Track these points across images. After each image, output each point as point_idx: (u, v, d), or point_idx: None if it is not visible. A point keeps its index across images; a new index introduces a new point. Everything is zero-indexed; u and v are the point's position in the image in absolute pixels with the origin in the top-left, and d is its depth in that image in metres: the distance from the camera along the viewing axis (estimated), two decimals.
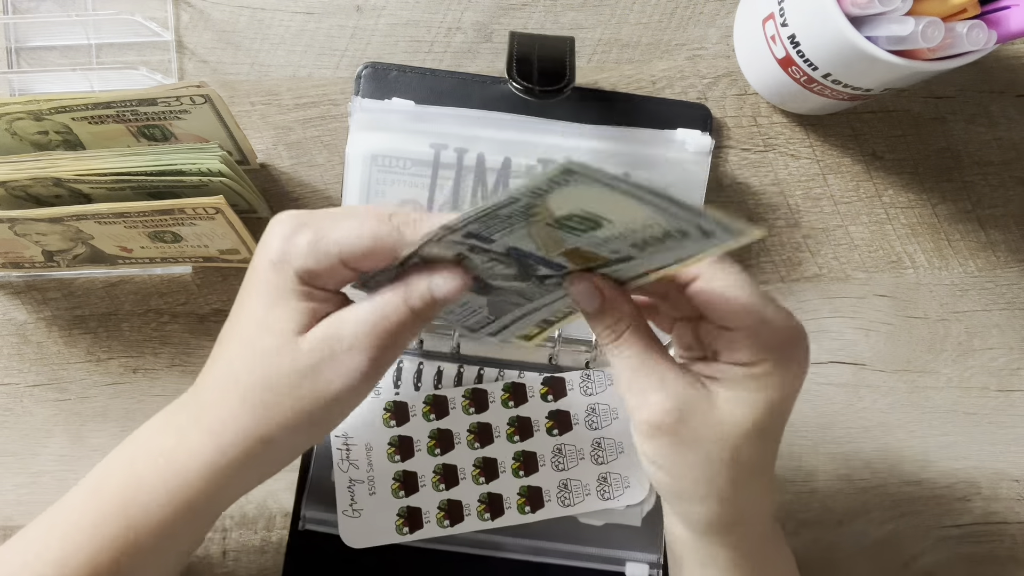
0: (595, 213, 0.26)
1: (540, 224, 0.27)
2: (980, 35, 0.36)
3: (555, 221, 0.27)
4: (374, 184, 0.44)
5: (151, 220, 0.39)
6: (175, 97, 0.37)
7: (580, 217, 0.26)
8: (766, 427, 0.30)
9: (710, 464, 0.30)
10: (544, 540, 0.44)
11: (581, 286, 0.30)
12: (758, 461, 0.31)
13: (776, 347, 0.29)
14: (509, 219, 0.27)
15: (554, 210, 0.26)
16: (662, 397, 0.29)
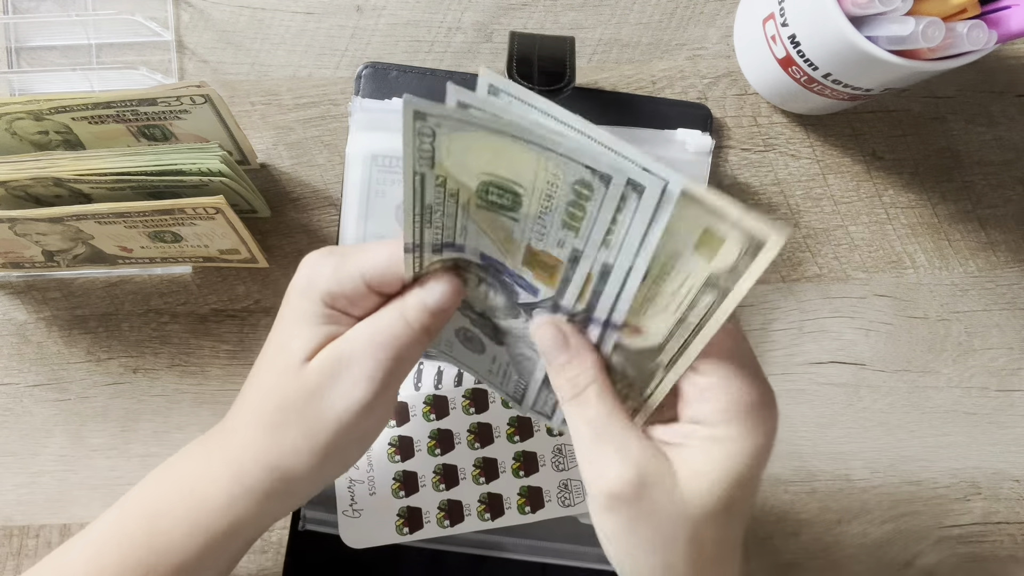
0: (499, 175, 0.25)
1: (472, 208, 0.27)
2: (980, 35, 0.36)
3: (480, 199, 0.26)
4: (374, 184, 0.44)
5: (151, 220, 0.39)
6: (175, 97, 0.37)
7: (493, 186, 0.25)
8: (732, 503, 0.27)
9: (671, 545, 0.27)
10: (544, 540, 0.44)
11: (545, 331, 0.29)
12: (723, 542, 0.28)
13: (746, 408, 0.27)
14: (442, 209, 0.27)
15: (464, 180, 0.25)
16: (622, 467, 0.27)
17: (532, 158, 0.23)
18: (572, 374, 0.29)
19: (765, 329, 0.47)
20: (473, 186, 0.26)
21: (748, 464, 0.26)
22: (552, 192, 0.24)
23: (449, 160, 0.25)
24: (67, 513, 0.46)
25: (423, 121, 0.23)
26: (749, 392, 0.27)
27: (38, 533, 0.46)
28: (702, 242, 0.23)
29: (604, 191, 0.23)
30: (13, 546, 0.46)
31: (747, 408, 0.26)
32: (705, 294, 0.24)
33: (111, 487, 0.46)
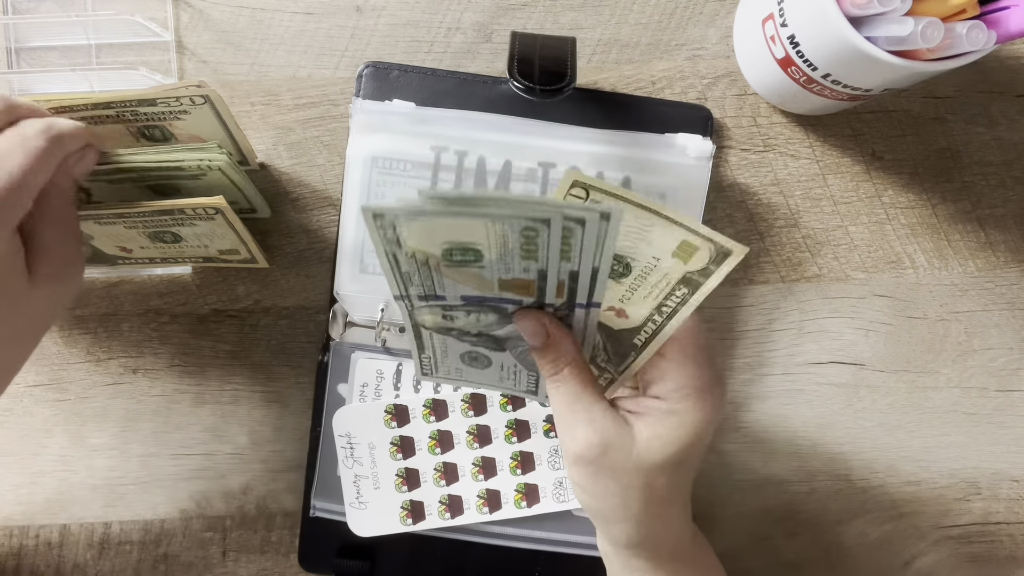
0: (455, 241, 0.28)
1: (443, 268, 0.30)
2: (980, 35, 0.36)
3: (444, 260, 0.29)
4: (374, 186, 0.44)
5: (151, 220, 0.39)
6: (175, 97, 0.37)
7: (454, 249, 0.28)
8: (679, 461, 0.33)
9: (626, 491, 0.33)
10: (539, 530, 0.45)
11: (527, 323, 0.32)
12: (671, 490, 0.34)
13: (697, 388, 0.32)
14: (418, 272, 0.30)
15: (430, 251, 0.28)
16: (589, 431, 0.33)
17: (480, 224, 0.27)
18: (552, 356, 0.33)
19: (765, 329, 0.47)
20: (438, 253, 0.29)
21: (695, 431, 0.33)
22: (505, 240, 0.28)
23: (412, 240, 0.28)
24: (67, 513, 0.46)
25: (382, 219, 0.27)
26: (700, 376, 0.33)
27: (38, 533, 0.46)
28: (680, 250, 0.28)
29: (547, 230, 0.27)
30: (13, 546, 0.46)
31: (698, 388, 0.32)
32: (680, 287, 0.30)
33: (111, 487, 0.46)
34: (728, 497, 0.47)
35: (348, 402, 0.45)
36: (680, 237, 0.28)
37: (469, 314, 0.33)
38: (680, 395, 0.32)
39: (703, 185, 0.45)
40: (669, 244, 0.28)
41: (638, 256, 0.29)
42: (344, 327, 0.45)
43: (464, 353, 0.37)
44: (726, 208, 0.47)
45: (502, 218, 0.27)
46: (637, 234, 0.28)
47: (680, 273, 0.29)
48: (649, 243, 0.28)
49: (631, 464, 0.33)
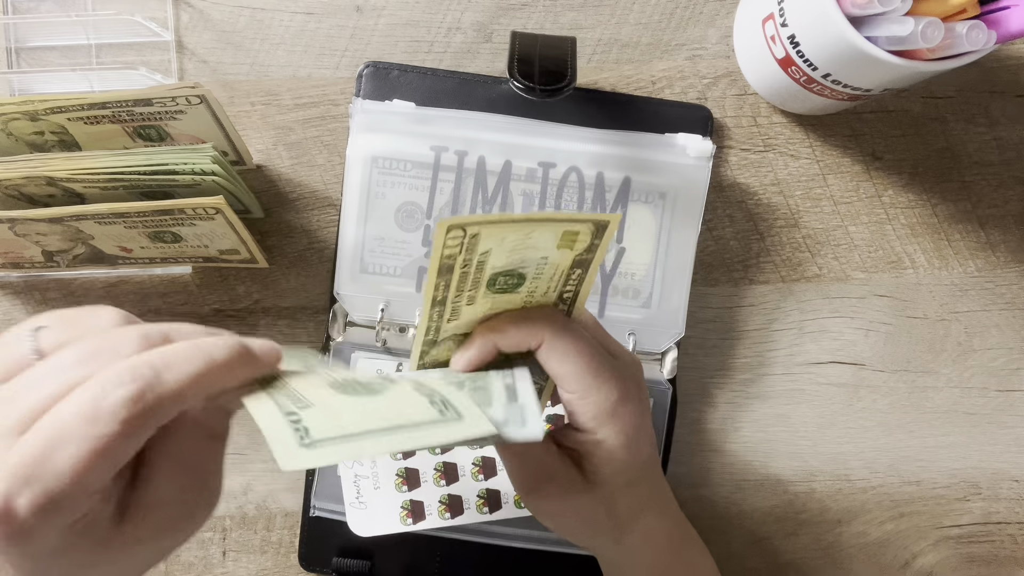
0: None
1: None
2: (980, 35, 0.36)
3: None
4: (374, 186, 0.44)
5: (151, 220, 0.39)
6: (171, 98, 0.37)
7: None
8: (629, 479, 0.34)
9: (594, 524, 0.34)
10: (539, 530, 0.45)
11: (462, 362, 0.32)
12: (637, 505, 0.35)
13: (606, 413, 0.32)
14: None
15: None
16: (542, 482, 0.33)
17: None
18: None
19: (765, 329, 0.47)
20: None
21: (626, 452, 0.33)
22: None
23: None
24: None
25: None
26: (606, 399, 0.32)
27: None
28: (563, 240, 0.29)
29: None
30: None
31: (606, 413, 0.32)
32: (575, 270, 0.31)
33: None
34: (728, 497, 0.47)
35: None
36: (560, 230, 0.29)
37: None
38: (596, 423, 0.33)
39: (703, 185, 0.45)
40: (551, 240, 0.29)
41: (527, 263, 0.30)
42: (344, 327, 0.45)
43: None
44: (726, 208, 0.47)
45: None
46: (521, 244, 0.29)
47: (570, 259, 0.30)
48: (534, 248, 0.29)
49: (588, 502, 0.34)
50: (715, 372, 0.47)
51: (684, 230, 0.45)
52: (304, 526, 0.46)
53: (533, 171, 0.44)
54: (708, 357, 0.47)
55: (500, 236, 0.28)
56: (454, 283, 0.29)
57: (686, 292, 0.45)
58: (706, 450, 0.47)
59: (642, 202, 0.45)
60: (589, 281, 0.32)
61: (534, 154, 0.44)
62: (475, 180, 0.44)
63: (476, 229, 0.27)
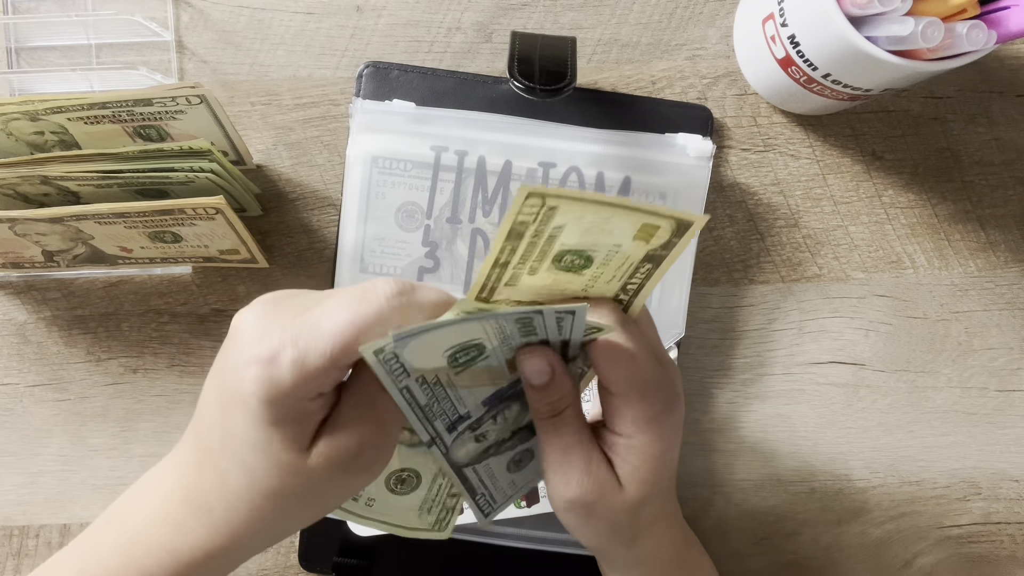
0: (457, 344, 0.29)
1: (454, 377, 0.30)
2: (980, 35, 0.36)
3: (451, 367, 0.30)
4: (374, 186, 0.44)
5: (151, 220, 0.39)
6: (171, 98, 0.37)
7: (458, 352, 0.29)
8: (657, 491, 0.34)
9: (616, 529, 0.34)
10: (539, 530, 0.45)
11: (533, 360, 0.32)
12: (655, 514, 0.35)
13: (649, 418, 0.32)
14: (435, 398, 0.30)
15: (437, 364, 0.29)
16: (585, 480, 0.33)
17: (475, 326, 0.28)
18: (555, 397, 0.32)
19: (765, 329, 0.47)
20: (444, 364, 0.29)
21: (659, 462, 0.33)
22: (501, 331, 0.30)
23: (417, 361, 0.28)
24: (67, 513, 0.46)
25: (382, 353, 0.27)
26: (647, 407, 0.32)
27: (38, 533, 0.46)
28: (641, 232, 0.28)
29: (541, 318, 0.29)
30: (13, 546, 0.46)
31: (647, 420, 0.32)
32: (645, 264, 0.30)
33: (111, 487, 0.46)
34: (728, 497, 0.47)
35: None
36: (640, 221, 0.28)
37: (496, 419, 0.33)
38: (635, 428, 0.32)
39: (703, 185, 0.45)
40: (629, 230, 0.28)
41: (599, 247, 0.29)
42: None
43: (509, 462, 0.37)
44: (726, 208, 0.47)
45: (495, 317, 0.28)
46: (597, 227, 0.28)
47: (643, 252, 0.30)
48: (609, 233, 0.28)
49: (619, 505, 0.33)
50: (715, 372, 0.47)
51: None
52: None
53: (533, 171, 0.44)
54: (708, 357, 0.47)
55: (578, 214, 0.27)
56: (520, 250, 0.28)
57: (686, 292, 0.45)
58: (706, 450, 0.47)
59: None
60: (657, 278, 0.31)
61: (534, 154, 0.44)
62: (475, 180, 0.44)
63: (556, 202, 0.26)
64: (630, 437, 0.33)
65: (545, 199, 0.26)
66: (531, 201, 0.26)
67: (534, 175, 0.44)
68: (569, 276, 0.31)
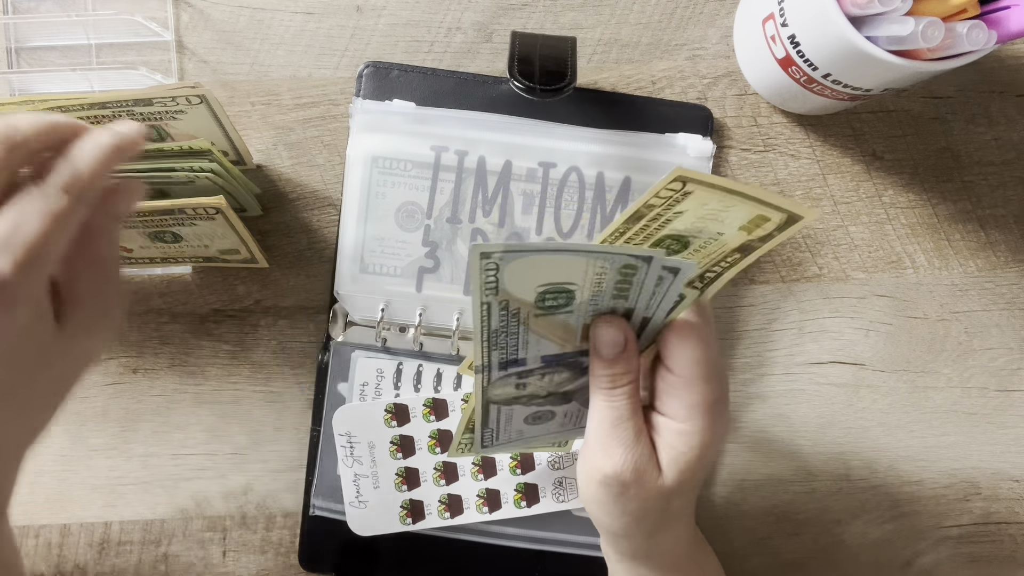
0: (553, 282, 0.29)
1: (532, 319, 0.30)
2: (980, 35, 0.36)
3: (536, 307, 0.30)
4: (374, 186, 0.44)
5: (151, 220, 0.39)
6: (171, 98, 0.37)
7: (549, 293, 0.29)
8: (693, 480, 0.34)
9: (645, 514, 0.34)
10: (539, 530, 0.45)
11: (609, 330, 0.32)
12: (683, 507, 0.35)
13: (708, 404, 0.32)
14: (506, 330, 0.30)
15: (523, 297, 0.29)
16: (628, 456, 0.32)
17: (581, 261, 0.28)
18: (619, 371, 0.32)
19: (765, 329, 0.47)
20: (531, 299, 0.29)
21: (706, 452, 0.33)
22: (601, 279, 0.29)
23: (510, 284, 0.28)
24: (67, 513, 0.46)
25: (488, 259, 0.27)
26: (709, 393, 0.32)
27: (38, 533, 0.46)
28: (748, 224, 0.28)
29: (647, 267, 0.29)
30: None
31: (706, 407, 0.32)
32: (734, 254, 0.30)
33: (111, 487, 0.46)
34: (728, 497, 0.47)
35: (348, 401, 0.45)
36: (755, 211, 0.28)
37: (543, 377, 0.34)
38: (690, 413, 0.32)
39: None
40: (741, 219, 0.28)
41: (702, 234, 0.29)
42: (344, 327, 0.45)
43: (528, 415, 0.37)
44: None
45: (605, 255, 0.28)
46: (712, 215, 0.28)
47: (740, 242, 0.29)
48: (720, 222, 0.28)
49: (655, 490, 0.33)
50: None
51: None
52: (304, 526, 0.46)
53: (533, 171, 0.44)
54: None
55: (704, 200, 0.27)
56: (632, 230, 0.28)
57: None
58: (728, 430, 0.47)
59: None
60: (740, 268, 0.31)
61: (534, 154, 0.44)
62: (475, 180, 0.44)
63: (693, 187, 0.26)
64: (683, 422, 0.32)
65: (686, 183, 0.26)
66: (673, 184, 0.26)
67: (534, 175, 0.44)
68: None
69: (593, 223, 0.45)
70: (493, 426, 0.36)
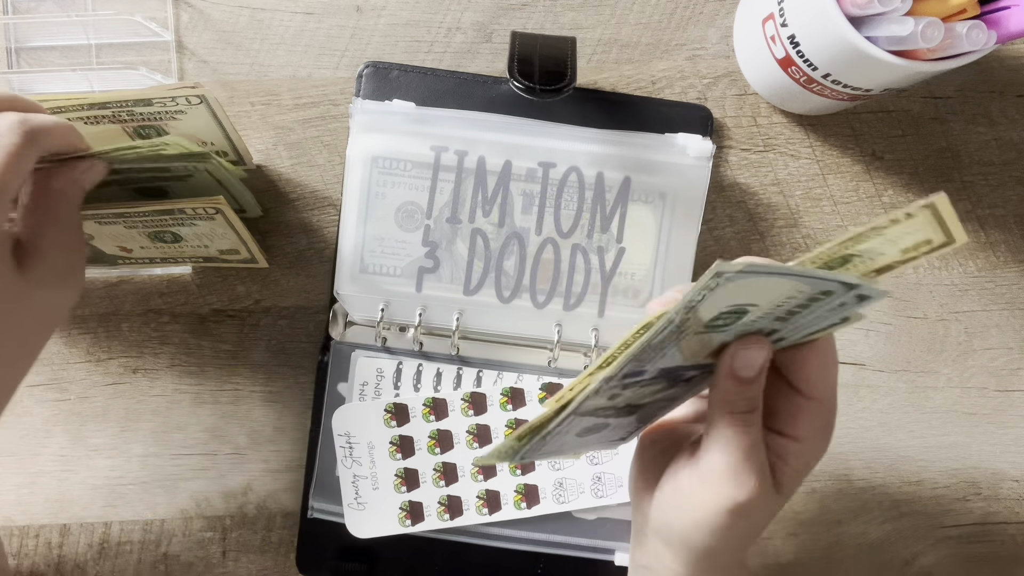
0: (742, 303, 0.26)
1: (690, 335, 0.28)
2: (980, 35, 0.36)
3: (704, 326, 0.27)
4: (374, 186, 0.44)
5: (151, 220, 0.39)
6: (171, 98, 0.37)
7: (727, 312, 0.27)
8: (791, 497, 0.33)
9: (752, 535, 0.33)
10: (539, 532, 0.45)
11: (752, 350, 0.30)
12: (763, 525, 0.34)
13: (827, 426, 0.32)
14: (662, 345, 0.27)
15: (703, 317, 0.27)
16: (762, 484, 0.30)
17: (789, 284, 0.26)
18: (755, 392, 0.31)
19: None
20: (709, 317, 0.27)
21: (809, 469, 0.32)
22: (788, 302, 0.27)
23: (712, 302, 0.26)
24: (67, 513, 0.46)
25: (719, 277, 0.24)
26: (831, 413, 0.32)
27: (38, 533, 0.46)
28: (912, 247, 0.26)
29: (845, 293, 0.26)
30: (13, 546, 0.46)
31: (826, 427, 0.32)
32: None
33: (111, 487, 0.46)
34: None
35: (348, 401, 0.45)
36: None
37: (644, 387, 0.31)
38: (813, 434, 0.32)
39: (703, 185, 0.45)
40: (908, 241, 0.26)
41: (868, 252, 0.27)
42: (344, 327, 0.45)
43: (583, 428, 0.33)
44: (726, 208, 0.47)
45: (817, 281, 0.26)
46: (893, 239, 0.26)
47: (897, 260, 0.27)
48: (893, 242, 0.26)
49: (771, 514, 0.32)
50: None
51: (684, 230, 0.45)
52: (301, 528, 0.46)
53: (533, 171, 0.44)
54: None
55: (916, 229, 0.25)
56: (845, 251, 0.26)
57: None
58: None
59: (642, 202, 0.45)
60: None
61: (534, 154, 0.44)
62: (475, 180, 0.44)
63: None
64: (804, 442, 0.32)
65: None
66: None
67: (534, 175, 0.44)
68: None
69: (593, 223, 0.45)
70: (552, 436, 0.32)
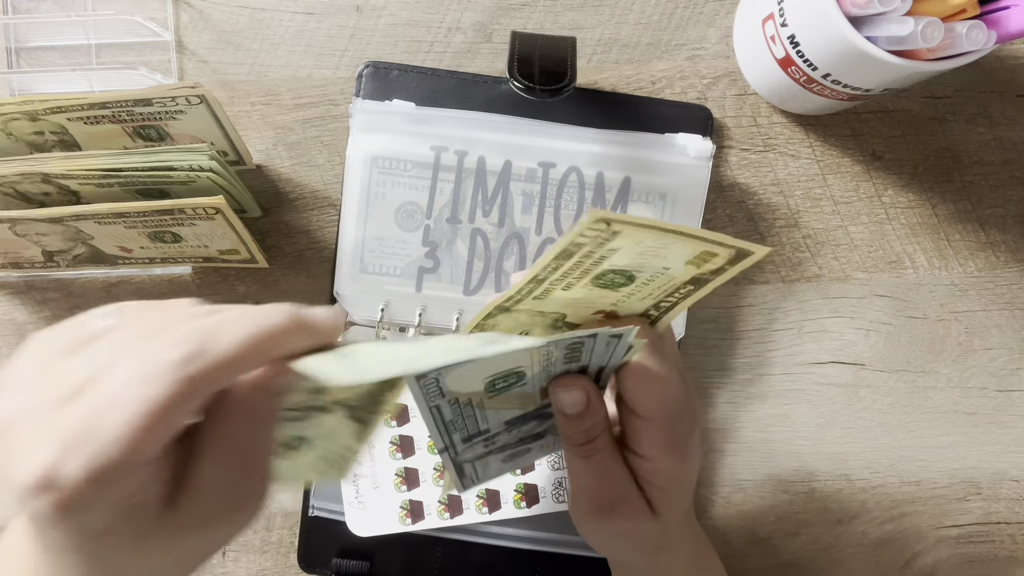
0: (499, 372, 0.29)
1: (486, 401, 0.30)
2: (979, 35, 0.36)
3: (486, 393, 0.30)
4: (374, 186, 0.44)
5: (151, 220, 0.39)
6: (171, 98, 0.37)
7: (498, 379, 0.29)
8: (680, 510, 0.35)
9: (643, 546, 0.35)
10: (539, 531, 0.45)
11: (570, 394, 0.31)
12: (679, 528, 0.36)
13: (672, 444, 0.32)
14: (461, 415, 0.30)
15: (463, 391, 0.29)
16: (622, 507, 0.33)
17: (524, 353, 0.28)
18: (588, 425, 0.32)
19: (765, 329, 0.47)
20: (481, 389, 0.29)
21: (684, 483, 0.34)
22: (548, 357, 0.29)
23: (456, 386, 0.28)
24: None
25: (424, 378, 0.27)
26: (676, 429, 0.32)
27: None
28: (694, 260, 0.28)
29: (593, 341, 0.29)
30: None
31: (675, 443, 0.32)
32: (687, 286, 0.30)
33: None
34: (728, 497, 0.47)
35: None
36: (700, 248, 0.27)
37: (511, 431, 0.34)
38: (661, 452, 0.32)
39: (703, 185, 0.45)
40: (684, 255, 0.28)
41: (645, 268, 0.29)
42: (344, 327, 0.45)
43: (504, 456, 0.37)
44: (726, 208, 0.47)
45: (551, 344, 0.27)
46: (651, 251, 0.28)
47: (691, 275, 0.29)
48: (662, 258, 0.28)
49: (651, 530, 0.34)
50: (715, 372, 0.47)
51: None
52: (303, 526, 0.46)
53: (533, 171, 0.44)
54: (708, 357, 0.47)
55: (637, 239, 0.26)
56: (564, 268, 0.28)
57: None
58: (706, 450, 0.47)
59: (642, 202, 0.45)
60: (695, 299, 0.31)
61: (534, 154, 0.44)
62: (475, 180, 0.44)
63: (620, 227, 0.26)
64: (655, 461, 0.32)
65: (611, 223, 0.25)
66: (597, 225, 0.25)
67: (534, 175, 0.44)
68: (604, 292, 0.30)
69: None
70: (471, 475, 0.36)
